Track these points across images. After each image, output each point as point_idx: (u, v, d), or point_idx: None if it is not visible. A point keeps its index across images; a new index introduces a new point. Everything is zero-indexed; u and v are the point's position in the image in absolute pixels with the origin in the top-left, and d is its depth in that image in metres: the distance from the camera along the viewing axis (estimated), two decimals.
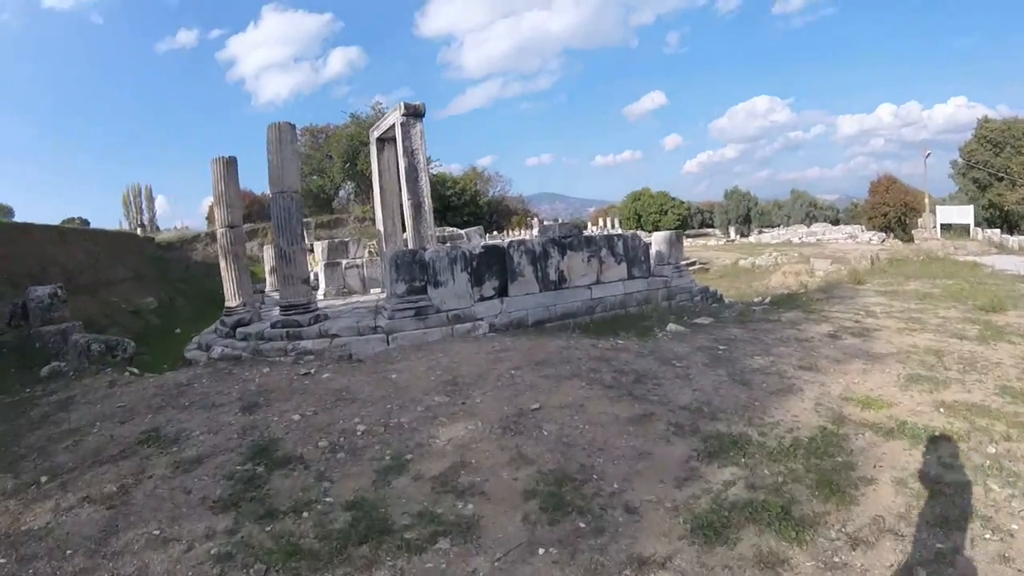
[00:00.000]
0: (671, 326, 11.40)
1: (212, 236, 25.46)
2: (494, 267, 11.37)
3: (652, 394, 5.49)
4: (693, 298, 15.06)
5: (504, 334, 9.58)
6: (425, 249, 10.56)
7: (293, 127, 10.36)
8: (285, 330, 9.95)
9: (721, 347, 7.46)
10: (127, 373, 7.23)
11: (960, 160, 42.11)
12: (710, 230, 54.65)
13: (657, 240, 14.80)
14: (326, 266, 16.47)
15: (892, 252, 18.86)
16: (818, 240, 34.89)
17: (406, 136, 12.96)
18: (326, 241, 20.20)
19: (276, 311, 12.76)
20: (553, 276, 12.24)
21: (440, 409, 5.31)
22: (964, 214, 33.73)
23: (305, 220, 28.02)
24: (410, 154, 12.99)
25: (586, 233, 14.12)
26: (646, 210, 53.15)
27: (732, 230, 51.26)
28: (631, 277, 13.80)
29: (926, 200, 38.16)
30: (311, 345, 9.39)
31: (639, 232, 26.29)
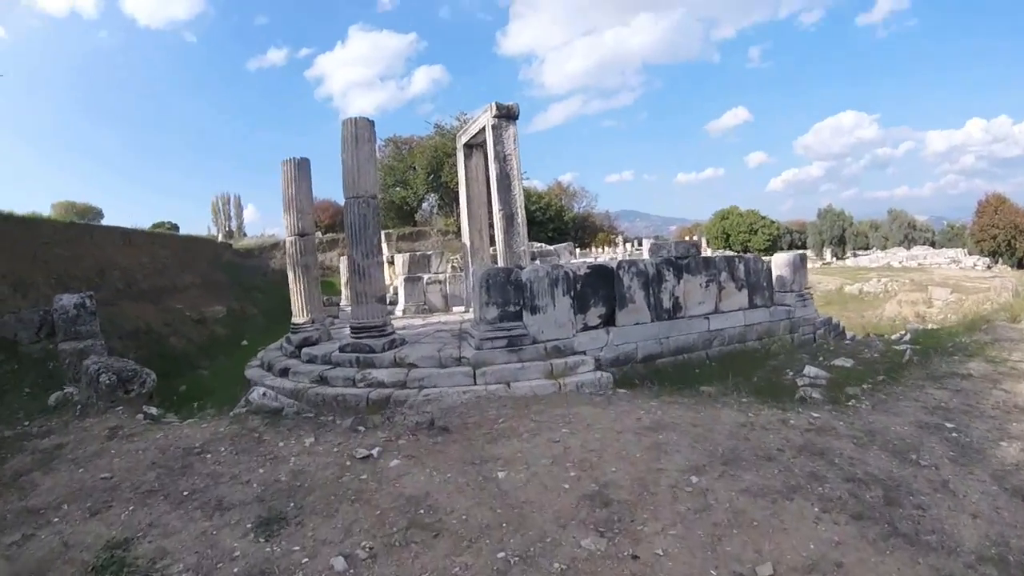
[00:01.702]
0: (810, 369, 9.12)
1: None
2: (600, 291, 9.34)
3: (923, 529, 3.31)
4: (816, 331, 12.71)
5: (636, 391, 7.39)
6: (521, 267, 8.64)
7: (371, 124, 8.65)
8: (355, 355, 8.26)
9: (948, 424, 5.15)
10: (141, 415, 5.55)
11: None
12: (803, 251, 50.81)
13: (778, 263, 12.45)
14: (406, 280, 14.84)
15: (1020, 282, 15.92)
16: (919, 264, 31.28)
17: (498, 140, 11.09)
18: (407, 254, 18.62)
19: (347, 330, 11.13)
20: (667, 303, 10.12)
21: (596, 567, 3.09)
22: None
23: (386, 231, 26.58)
24: (502, 159, 11.11)
25: (704, 254, 11.86)
26: (735, 229, 49.89)
27: (828, 252, 47.35)
28: (752, 306, 11.52)
29: None
30: (385, 376, 7.61)
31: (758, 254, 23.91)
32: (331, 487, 3.97)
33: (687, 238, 46.03)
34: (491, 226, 13.31)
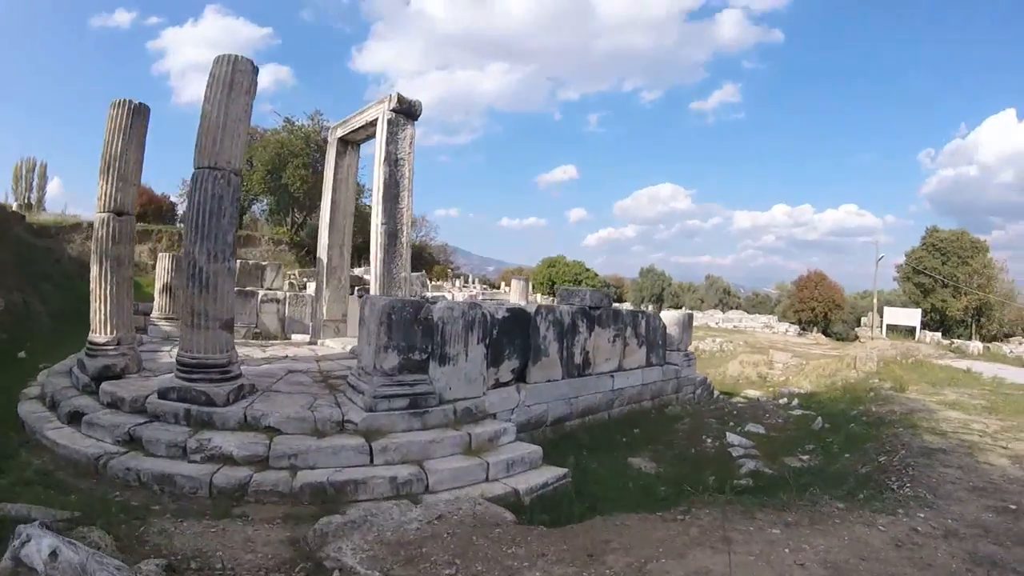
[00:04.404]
0: (732, 437, 8.13)
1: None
2: (516, 340, 7.31)
3: None
4: (696, 390, 11.77)
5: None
6: (432, 302, 6.30)
7: (254, 69, 5.95)
8: (184, 406, 5.35)
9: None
10: None
11: (906, 264, 41.79)
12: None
13: (668, 322, 11.24)
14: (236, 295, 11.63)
15: (877, 351, 16.56)
16: (735, 327, 32.89)
17: (392, 139, 8.72)
18: (238, 261, 15.26)
19: (166, 355, 8.01)
20: (579, 358, 8.36)
21: None
22: (911, 316, 32.94)
23: None
24: (393, 163, 8.74)
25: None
26: (560, 277, 50.13)
27: (650, 309, 49.00)
28: (649, 364, 10.19)
29: (874, 300, 37.27)
30: (233, 445, 4.87)
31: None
32: None
33: (512, 281, 45.43)
34: (354, 242, 10.82)
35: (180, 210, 28.59)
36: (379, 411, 5.57)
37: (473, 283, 40.18)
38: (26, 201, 28.78)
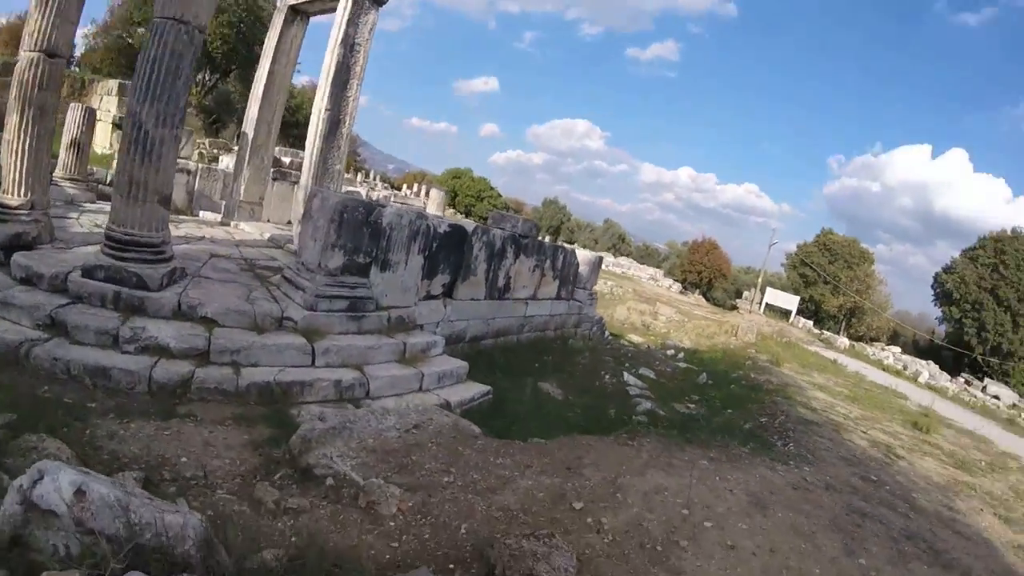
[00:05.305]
0: (628, 377, 8.81)
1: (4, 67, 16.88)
2: (451, 257, 7.42)
3: None
4: (592, 328, 12.44)
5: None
6: (383, 205, 6.20)
7: None
8: (114, 288, 4.93)
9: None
10: None
11: (795, 255, 44.54)
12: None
13: (581, 260, 11.71)
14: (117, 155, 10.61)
15: (756, 325, 18.04)
16: (622, 273, 34.35)
17: (353, 22, 8.14)
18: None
19: (75, 224, 7.41)
20: (501, 281, 8.61)
21: None
22: (790, 301, 35.47)
23: (119, 81, 19.82)
24: (348, 47, 8.20)
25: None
26: (464, 191, 49.38)
27: (548, 240, 49.83)
28: (559, 297, 10.63)
29: (759, 279, 39.69)
30: (170, 336, 4.62)
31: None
32: None
33: (416, 186, 44.51)
34: (281, 121, 10.14)
35: (78, 52, 25.26)
36: (319, 311, 5.51)
37: (374, 179, 38.86)
38: None
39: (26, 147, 5.79)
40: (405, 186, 44.82)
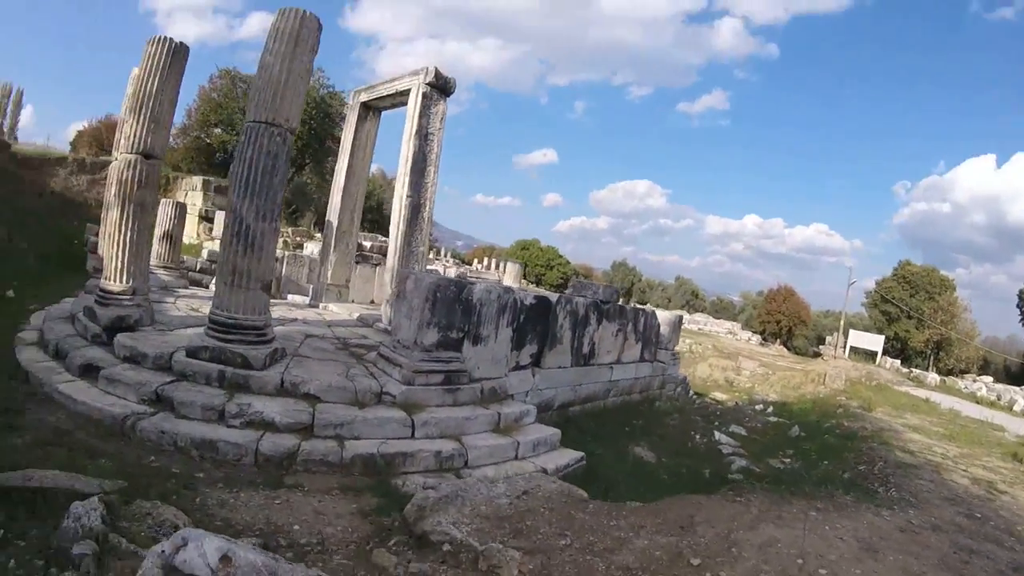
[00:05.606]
0: (720, 435, 8.57)
1: (81, 164, 18.46)
2: (538, 327, 7.38)
3: None
4: (676, 388, 12.04)
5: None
6: (472, 283, 6.30)
7: (320, 27, 5.71)
8: (219, 367, 5.15)
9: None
10: None
11: (875, 292, 42.53)
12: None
13: (661, 321, 11.46)
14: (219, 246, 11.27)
15: (843, 371, 17.13)
16: (700, 330, 33.50)
17: (424, 113, 8.57)
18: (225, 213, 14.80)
19: (172, 308, 7.79)
20: (586, 348, 8.48)
21: None
22: (874, 342, 33.65)
23: (204, 177, 21.17)
24: (423, 137, 8.60)
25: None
26: (533, 261, 49.84)
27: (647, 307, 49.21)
28: (642, 359, 10.37)
29: (841, 322, 38.20)
30: (276, 411, 4.71)
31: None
32: None
33: (486, 259, 45.26)
34: (367, 210, 10.53)
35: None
36: (416, 385, 5.53)
37: (445, 256, 39.75)
38: None
39: (127, 239, 6.27)
40: (476, 261, 45.56)
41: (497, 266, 42.67)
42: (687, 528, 3.77)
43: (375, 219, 30.08)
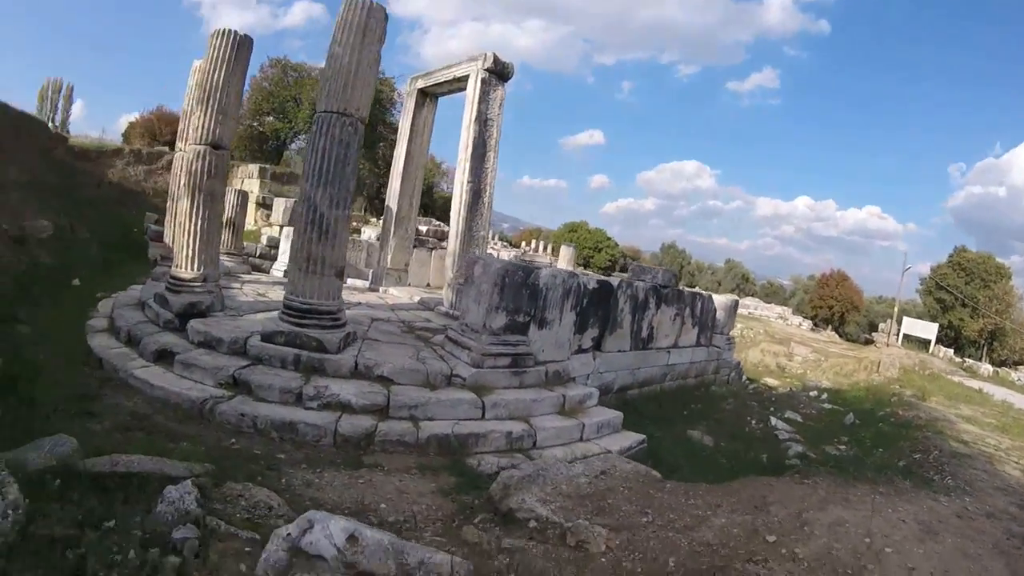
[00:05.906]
0: (776, 421, 8.40)
1: (137, 154, 19.04)
2: (599, 311, 7.40)
3: None
4: (731, 373, 11.88)
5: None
6: (539, 268, 6.34)
7: (386, 17, 5.76)
8: (294, 351, 5.29)
9: None
10: None
11: (930, 278, 40.77)
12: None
13: (718, 305, 11.31)
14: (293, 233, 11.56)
15: (896, 359, 16.66)
16: (750, 314, 32.80)
17: (483, 98, 8.59)
18: (289, 200, 15.13)
19: (239, 293, 8.01)
20: (645, 332, 8.45)
21: None
22: (928, 330, 32.48)
23: (260, 165, 21.62)
24: (483, 123, 8.63)
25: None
26: (581, 244, 49.40)
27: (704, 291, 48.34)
28: (698, 344, 10.27)
29: (895, 309, 37.07)
30: (351, 393, 4.85)
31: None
32: None
33: (533, 242, 45.15)
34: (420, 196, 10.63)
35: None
36: (485, 368, 5.61)
37: (494, 239, 39.75)
38: (52, 122, 28.07)
39: (198, 228, 6.47)
40: (524, 243, 45.52)
41: (545, 248, 42.50)
42: (760, 508, 3.94)
43: (425, 203, 30.34)
